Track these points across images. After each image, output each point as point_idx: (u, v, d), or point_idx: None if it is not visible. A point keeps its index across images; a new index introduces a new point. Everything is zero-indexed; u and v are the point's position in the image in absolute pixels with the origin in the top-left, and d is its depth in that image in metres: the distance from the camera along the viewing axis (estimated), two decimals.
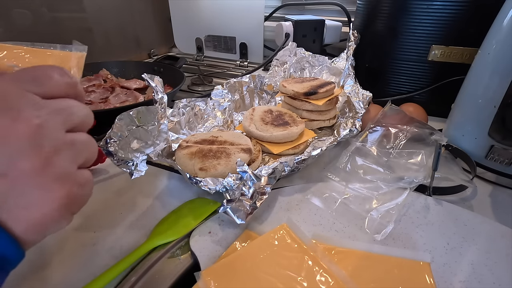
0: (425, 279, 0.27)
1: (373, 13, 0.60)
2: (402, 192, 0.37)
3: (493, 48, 0.39)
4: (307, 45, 0.75)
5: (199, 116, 0.50)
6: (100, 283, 0.26)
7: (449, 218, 0.34)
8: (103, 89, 0.69)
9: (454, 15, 0.50)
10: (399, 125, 0.45)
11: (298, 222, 0.34)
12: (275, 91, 0.61)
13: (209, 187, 0.33)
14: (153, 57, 1.02)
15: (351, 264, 0.29)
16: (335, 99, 0.53)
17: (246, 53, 0.92)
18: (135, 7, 0.94)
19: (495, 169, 0.41)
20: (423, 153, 0.41)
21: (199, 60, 0.98)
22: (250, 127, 0.46)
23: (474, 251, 0.30)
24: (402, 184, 0.38)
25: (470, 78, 0.43)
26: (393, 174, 0.39)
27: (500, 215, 0.36)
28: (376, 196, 0.37)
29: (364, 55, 0.63)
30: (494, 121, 0.39)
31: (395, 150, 0.42)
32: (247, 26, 0.88)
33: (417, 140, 0.44)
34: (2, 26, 0.63)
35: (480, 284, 0.27)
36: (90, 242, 0.31)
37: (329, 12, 0.93)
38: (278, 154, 0.45)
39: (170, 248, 0.31)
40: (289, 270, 0.27)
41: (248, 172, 0.32)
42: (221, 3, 0.88)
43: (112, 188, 0.40)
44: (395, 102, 0.50)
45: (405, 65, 0.57)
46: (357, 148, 0.43)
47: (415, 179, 0.38)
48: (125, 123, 0.35)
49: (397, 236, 0.32)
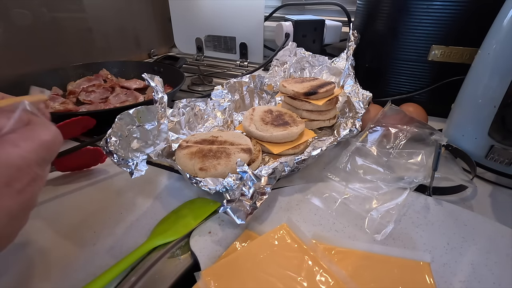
0: (425, 279, 0.27)
1: (373, 13, 0.60)
2: (402, 192, 0.37)
3: (493, 48, 0.39)
4: (307, 45, 0.75)
5: (199, 116, 0.50)
6: (100, 283, 0.26)
7: (449, 218, 0.34)
8: (103, 89, 0.69)
9: (454, 15, 0.50)
10: (399, 125, 0.45)
11: (298, 222, 0.34)
12: (275, 91, 0.61)
13: (209, 187, 0.33)
14: (153, 57, 1.02)
15: (351, 264, 0.29)
16: (335, 99, 0.53)
17: (246, 53, 0.92)
18: (135, 7, 0.94)
19: (495, 169, 0.41)
20: (423, 153, 0.41)
21: (199, 60, 0.98)
22: (250, 127, 0.46)
23: (474, 251, 0.30)
24: (402, 184, 0.38)
25: (470, 78, 0.43)
26: (393, 174, 0.39)
27: (500, 215, 0.36)
28: (376, 196, 0.37)
29: (364, 55, 0.63)
30: (494, 121, 0.39)
31: (395, 150, 0.42)
32: (247, 26, 0.88)
33: (417, 140, 0.44)
34: (2, 26, 0.63)
35: (480, 284, 0.27)
36: (90, 242, 0.31)
37: (329, 12, 0.93)
38: (278, 154, 0.45)
39: (170, 248, 0.31)
40: (289, 270, 0.27)
41: (248, 172, 0.32)
42: (221, 3, 0.88)
43: (112, 188, 0.40)
44: (395, 102, 0.50)
45: (405, 65, 0.57)
46: (357, 148, 0.43)
47: (415, 179, 0.38)
48: (125, 122, 0.35)
49: (397, 236, 0.32)
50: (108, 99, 0.65)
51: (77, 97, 0.67)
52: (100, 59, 0.81)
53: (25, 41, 0.67)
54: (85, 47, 0.82)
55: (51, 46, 0.73)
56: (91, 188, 0.40)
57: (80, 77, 0.73)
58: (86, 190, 0.39)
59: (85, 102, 0.65)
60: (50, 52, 0.73)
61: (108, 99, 0.65)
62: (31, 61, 0.69)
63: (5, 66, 0.64)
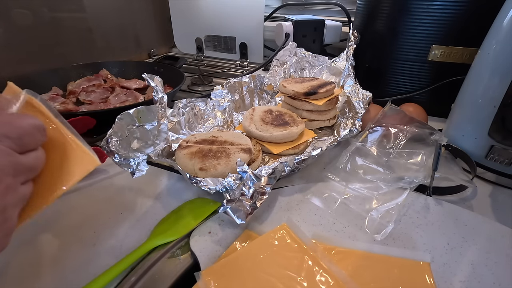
0: (425, 279, 0.27)
1: (373, 13, 0.60)
2: (402, 192, 0.37)
3: (493, 48, 0.39)
4: (307, 45, 0.75)
5: (199, 116, 0.50)
6: (100, 283, 0.26)
7: (449, 218, 0.34)
8: (103, 89, 0.69)
9: (454, 15, 0.50)
10: (399, 125, 0.45)
11: (298, 222, 0.34)
12: (275, 91, 0.61)
13: (209, 187, 0.33)
14: (153, 57, 1.02)
15: (351, 264, 0.29)
16: (335, 99, 0.53)
17: (246, 53, 0.92)
18: (135, 7, 0.94)
19: (495, 169, 0.41)
20: (423, 153, 0.41)
21: (199, 60, 0.98)
22: (250, 127, 0.46)
23: (474, 251, 0.30)
24: (402, 184, 0.38)
25: (470, 78, 0.43)
26: (393, 174, 0.39)
27: (500, 215, 0.36)
28: (376, 196, 0.37)
29: (364, 55, 0.63)
30: (494, 121, 0.39)
31: (395, 150, 0.42)
32: (247, 26, 0.88)
33: (417, 140, 0.44)
34: (2, 26, 0.63)
35: (480, 284, 0.27)
36: (90, 242, 0.31)
37: (329, 12, 0.93)
38: (278, 154, 0.45)
39: (170, 248, 0.31)
40: (289, 270, 0.27)
41: (248, 172, 0.32)
42: (221, 3, 0.88)
43: (112, 188, 0.40)
44: (395, 102, 0.50)
45: (405, 65, 0.57)
46: (357, 148, 0.43)
47: (415, 179, 0.38)
48: (125, 122, 0.35)
49: (397, 236, 0.32)
50: (108, 99, 0.65)
51: (77, 97, 0.67)
52: (100, 59, 0.81)
53: (25, 41, 0.67)
54: (85, 47, 0.82)
55: (51, 46, 0.73)
56: (91, 188, 0.40)
57: (80, 77, 0.73)
58: (86, 190, 0.39)
59: (85, 102, 0.65)
60: (50, 52, 0.73)
61: (108, 99, 0.65)
62: (31, 61, 0.69)
63: (5, 66, 0.64)
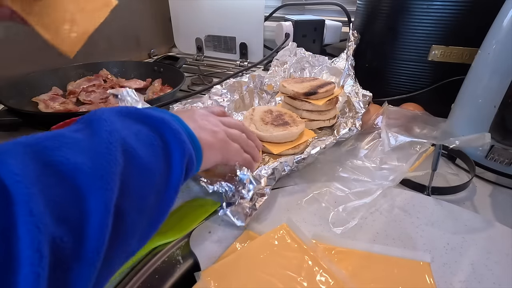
0: (425, 279, 0.27)
1: (373, 13, 0.60)
2: (402, 192, 0.37)
3: (493, 48, 0.39)
4: (307, 45, 0.75)
5: None
6: None
7: (449, 218, 0.34)
8: (103, 89, 0.69)
9: (454, 15, 0.50)
10: (401, 124, 0.45)
11: (298, 222, 0.34)
12: (275, 91, 0.61)
13: (208, 186, 0.33)
14: (153, 57, 1.02)
15: (351, 264, 0.29)
16: (335, 99, 0.53)
17: (246, 53, 0.92)
18: (135, 7, 0.94)
19: (495, 169, 0.41)
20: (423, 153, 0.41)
21: (199, 60, 0.98)
22: (250, 127, 0.46)
23: (474, 251, 0.30)
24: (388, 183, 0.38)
25: (470, 78, 0.43)
26: (390, 174, 0.39)
27: (500, 215, 0.36)
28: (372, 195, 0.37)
29: (364, 55, 0.63)
30: (494, 121, 0.39)
31: (394, 150, 0.42)
32: (247, 26, 0.88)
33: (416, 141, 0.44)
34: (2, 25, 0.63)
35: (480, 284, 0.27)
36: None
37: (329, 12, 0.93)
38: (278, 154, 0.45)
39: (170, 248, 0.31)
40: (289, 270, 0.27)
41: (247, 174, 0.32)
42: (221, 3, 0.88)
43: None
44: (395, 102, 0.50)
45: (405, 65, 0.57)
46: (357, 148, 0.43)
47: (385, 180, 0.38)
48: None
49: (397, 236, 0.32)
50: (108, 99, 0.65)
51: (77, 97, 0.67)
52: (100, 59, 0.81)
53: (25, 41, 0.67)
54: (86, 47, 0.82)
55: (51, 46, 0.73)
56: None
57: (80, 77, 0.73)
58: None
59: (85, 102, 0.65)
60: (50, 52, 0.73)
61: (108, 99, 0.65)
62: (31, 61, 0.69)
63: (5, 66, 0.64)
